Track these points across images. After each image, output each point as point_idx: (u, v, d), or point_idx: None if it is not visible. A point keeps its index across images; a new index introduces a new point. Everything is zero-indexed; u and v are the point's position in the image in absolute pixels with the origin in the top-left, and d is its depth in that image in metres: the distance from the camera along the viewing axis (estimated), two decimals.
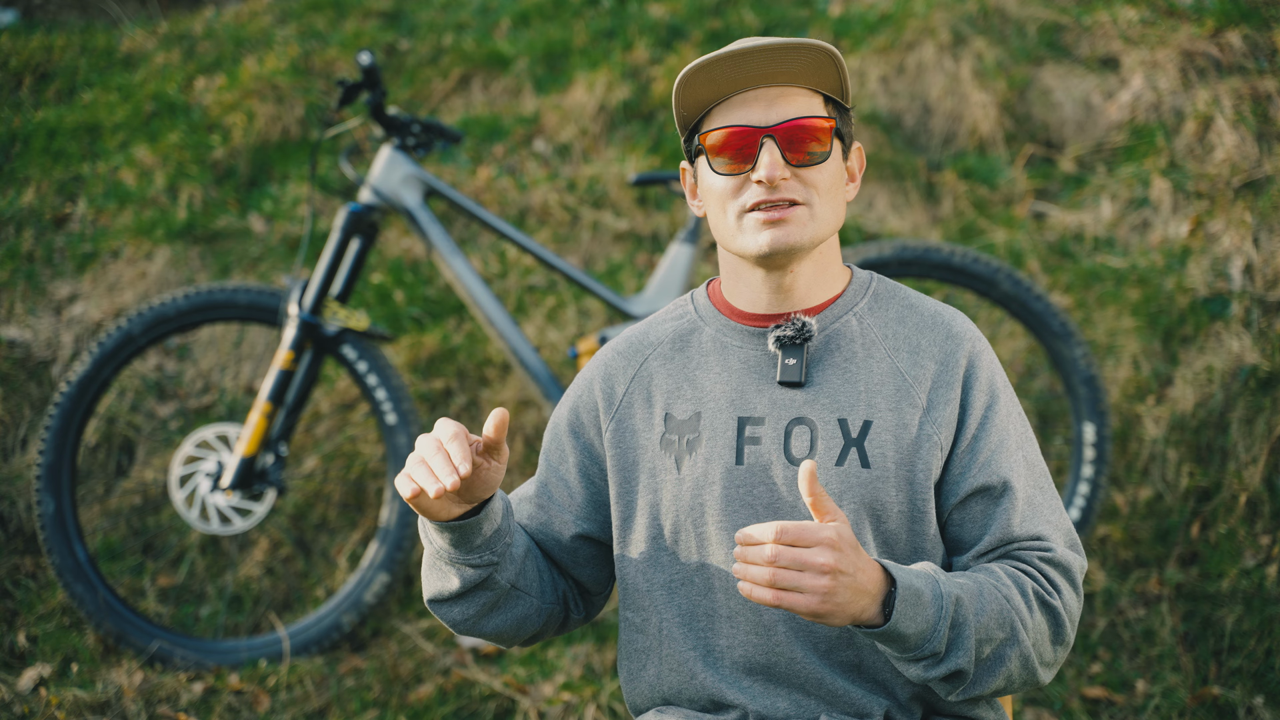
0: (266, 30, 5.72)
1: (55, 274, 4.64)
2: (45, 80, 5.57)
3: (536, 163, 4.94)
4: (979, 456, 1.73)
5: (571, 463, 1.87)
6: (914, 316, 1.81)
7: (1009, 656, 1.63)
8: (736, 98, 1.73)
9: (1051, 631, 1.68)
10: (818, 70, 1.72)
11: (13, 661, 3.50)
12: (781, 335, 1.75)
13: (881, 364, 1.77)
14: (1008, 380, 1.82)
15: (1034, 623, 1.65)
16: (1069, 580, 1.71)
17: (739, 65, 1.69)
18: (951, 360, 1.76)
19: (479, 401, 4.14)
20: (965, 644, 1.59)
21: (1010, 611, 1.63)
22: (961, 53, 4.88)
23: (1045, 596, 1.67)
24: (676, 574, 1.78)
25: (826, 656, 1.72)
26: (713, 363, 1.81)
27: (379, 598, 3.50)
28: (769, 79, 1.71)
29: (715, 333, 1.83)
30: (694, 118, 1.78)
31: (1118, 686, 3.26)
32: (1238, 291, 3.94)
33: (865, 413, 1.73)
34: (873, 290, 1.84)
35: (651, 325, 1.90)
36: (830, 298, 1.82)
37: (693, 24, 5.33)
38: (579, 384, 1.90)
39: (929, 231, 4.48)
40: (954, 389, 1.74)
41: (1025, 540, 1.72)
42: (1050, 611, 1.67)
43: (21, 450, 4.10)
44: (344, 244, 3.51)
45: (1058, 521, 1.75)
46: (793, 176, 1.71)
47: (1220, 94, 4.45)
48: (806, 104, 1.73)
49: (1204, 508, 3.58)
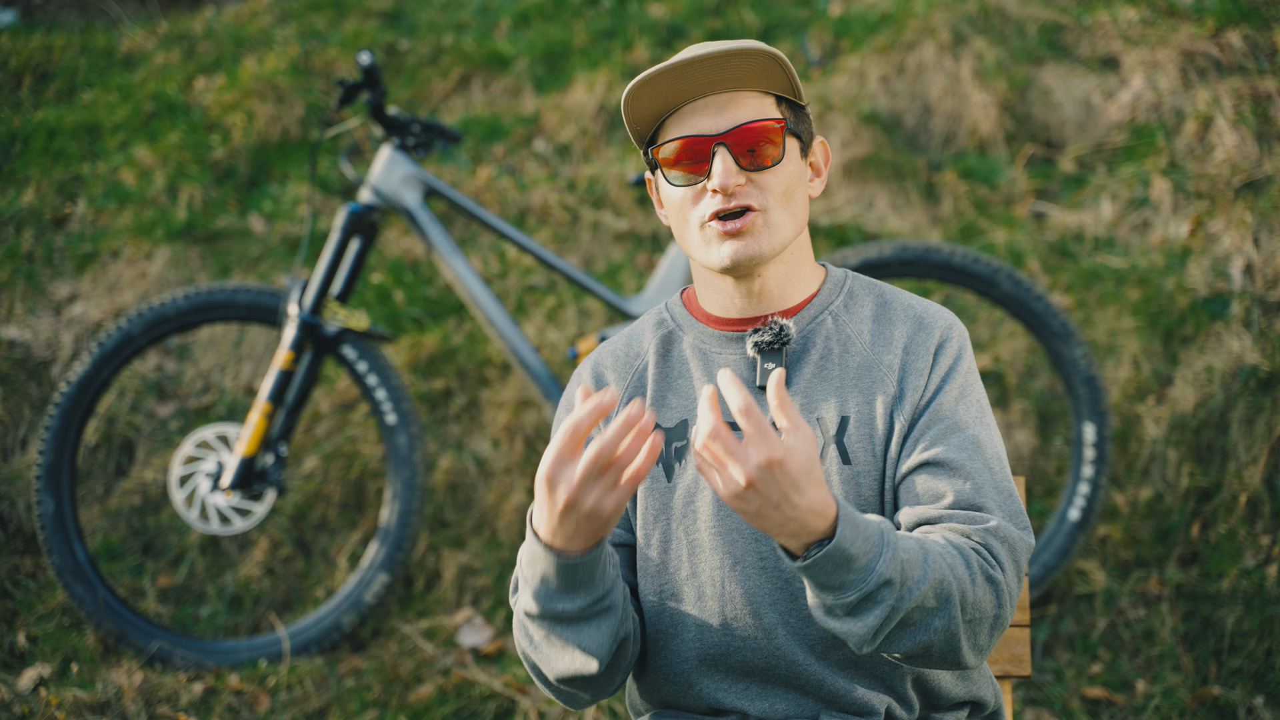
0: (266, 30, 5.71)
1: (55, 274, 4.64)
2: (45, 80, 5.56)
3: (536, 163, 4.94)
4: (932, 429, 1.70)
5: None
6: (888, 311, 1.80)
7: (934, 626, 1.56)
8: (686, 107, 1.72)
9: (993, 610, 1.61)
10: (764, 72, 1.70)
11: (13, 661, 3.50)
12: (759, 341, 1.75)
13: (856, 359, 1.76)
14: (974, 365, 1.79)
15: (975, 597, 1.58)
16: (1012, 557, 1.64)
17: (684, 76, 1.68)
18: (921, 348, 1.75)
19: (479, 401, 4.14)
20: (870, 617, 1.52)
21: (950, 584, 1.56)
22: (962, 53, 4.87)
23: (990, 570, 1.60)
24: (669, 581, 1.78)
25: (824, 656, 1.71)
26: (694, 370, 1.80)
27: (379, 598, 3.50)
28: (715, 85, 1.70)
29: (694, 340, 1.82)
30: (647, 131, 1.77)
31: (1118, 686, 3.26)
32: (1238, 291, 3.94)
33: (840, 409, 1.73)
34: (848, 288, 1.84)
35: (633, 336, 1.89)
36: (805, 297, 1.81)
37: (693, 24, 5.33)
38: (571, 399, 1.87)
39: (929, 231, 4.48)
40: (923, 375, 1.74)
41: (967, 509, 1.66)
42: (994, 586, 1.60)
43: (21, 450, 4.10)
44: (344, 244, 3.51)
45: (1003, 500, 1.69)
46: (748, 182, 1.70)
47: (1220, 94, 4.45)
48: (757, 107, 1.72)
49: (1204, 508, 3.58)
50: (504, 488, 3.92)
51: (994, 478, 1.70)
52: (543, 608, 1.62)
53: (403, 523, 3.51)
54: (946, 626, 1.56)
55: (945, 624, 1.56)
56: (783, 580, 1.72)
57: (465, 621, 3.62)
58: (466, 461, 4.00)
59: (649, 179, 1.86)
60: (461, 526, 3.88)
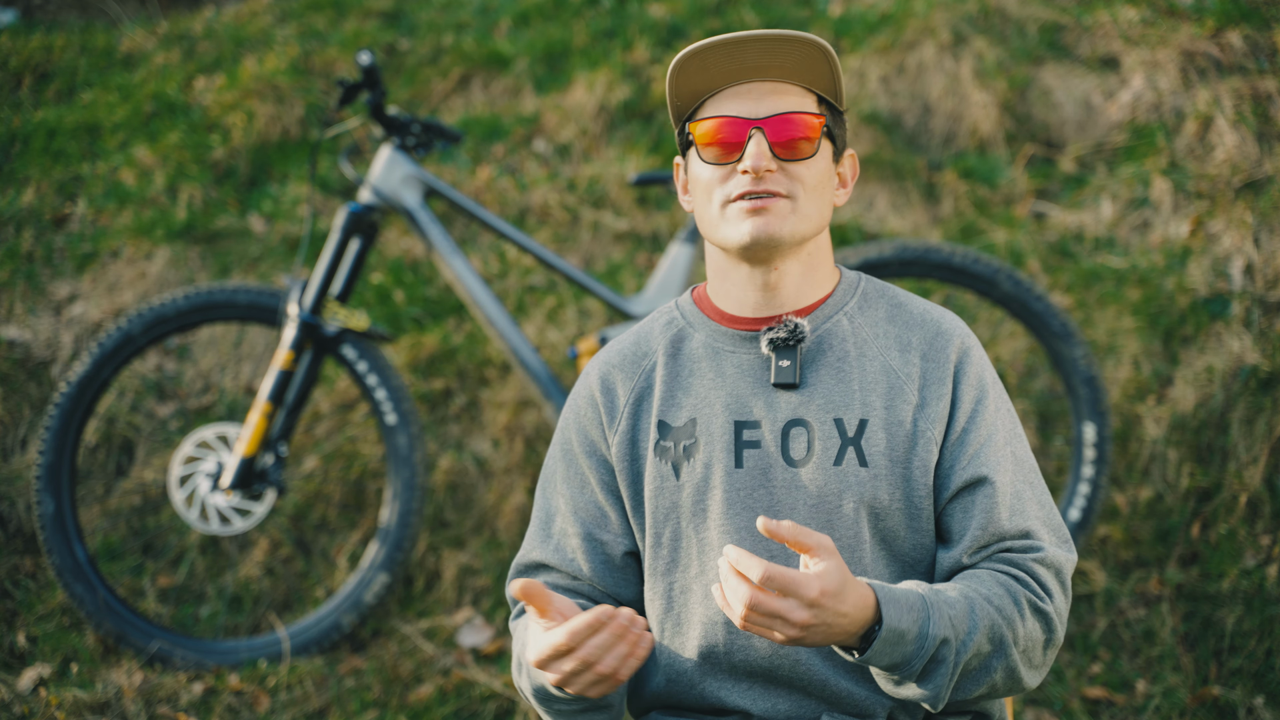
0: (266, 30, 5.71)
1: (55, 274, 4.64)
2: (45, 80, 5.56)
3: (536, 163, 4.94)
4: (968, 450, 1.73)
5: (594, 483, 1.84)
6: (903, 314, 1.81)
7: (994, 669, 1.64)
8: (729, 90, 1.73)
9: (1044, 636, 1.68)
10: (812, 67, 1.71)
11: (13, 661, 3.50)
12: (774, 338, 1.75)
13: (874, 363, 1.77)
14: (997, 377, 1.83)
15: (1025, 631, 1.65)
16: (1060, 581, 1.71)
17: (734, 55, 1.69)
18: (941, 356, 1.77)
19: (479, 401, 4.14)
20: (940, 677, 1.60)
21: (1001, 625, 1.63)
22: (962, 53, 4.88)
23: (1037, 603, 1.67)
24: (677, 579, 1.78)
25: (830, 658, 1.72)
26: (705, 369, 1.80)
27: (379, 598, 3.50)
28: (763, 73, 1.72)
29: (706, 338, 1.82)
30: (687, 108, 1.78)
31: (1118, 687, 3.26)
32: (1238, 291, 3.94)
33: (860, 411, 1.74)
34: (861, 290, 1.84)
35: (641, 335, 1.88)
36: (820, 298, 1.81)
37: (693, 24, 5.33)
38: (579, 401, 1.88)
39: (929, 231, 4.48)
40: (945, 384, 1.75)
41: (1014, 538, 1.72)
42: (1043, 617, 1.68)
43: (21, 450, 4.10)
44: (344, 244, 3.51)
45: (1046, 517, 1.75)
46: (779, 169, 1.71)
47: (1220, 94, 4.45)
48: (799, 100, 1.73)
49: (1204, 508, 3.58)
50: (504, 488, 3.92)
51: (1035, 493, 1.76)
52: (546, 708, 1.76)
53: (403, 523, 3.51)
54: (1005, 664, 1.64)
55: (1004, 663, 1.64)
56: None
57: (465, 622, 3.62)
58: (466, 461, 4.00)
59: (677, 163, 1.86)
60: (461, 526, 3.88)
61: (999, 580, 1.67)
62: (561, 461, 1.87)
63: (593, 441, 1.84)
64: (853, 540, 1.72)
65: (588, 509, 1.84)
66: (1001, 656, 1.64)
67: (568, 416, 1.88)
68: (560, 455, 1.88)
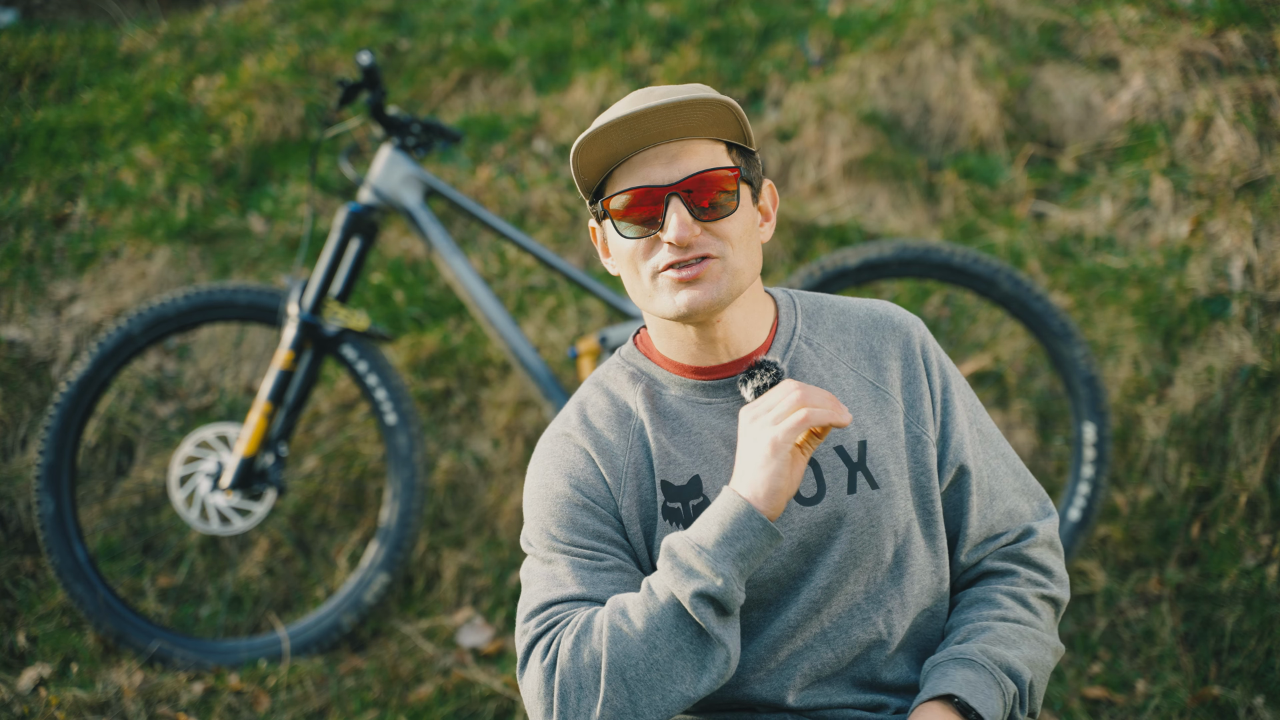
0: (266, 30, 5.71)
1: (55, 274, 4.64)
2: (45, 80, 5.56)
3: (536, 163, 4.94)
4: (950, 442, 1.77)
5: (603, 527, 1.74)
6: (853, 321, 1.81)
7: (1047, 664, 1.76)
8: (636, 157, 1.66)
9: (1054, 608, 1.81)
10: (716, 119, 1.65)
11: (13, 661, 3.50)
12: (760, 386, 1.69)
13: (848, 380, 1.76)
14: (941, 349, 1.87)
15: (1045, 622, 1.78)
16: (1053, 548, 1.83)
17: (634, 127, 1.62)
18: (909, 353, 1.79)
19: (479, 401, 4.14)
20: (1032, 701, 1.73)
21: (1036, 646, 1.75)
22: (962, 53, 4.88)
23: (1044, 591, 1.79)
24: None
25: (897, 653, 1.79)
26: (691, 423, 1.75)
27: (379, 598, 3.50)
28: (666, 135, 1.65)
29: (681, 394, 1.76)
30: (595, 182, 1.71)
31: (1118, 686, 3.26)
32: (1238, 291, 3.94)
33: (856, 434, 1.73)
34: (800, 308, 1.82)
35: (609, 393, 1.79)
36: (769, 330, 1.78)
37: (693, 24, 5.33)
38: (567, 462, 1.76)
39: (929, 231, 4.48)
40: (921, 382, 1.78)
41: (1004, 529, 1.81)
42: (1052, 602, 1.80)
43: (21, 450, 4.10)
44: (344, 244, 3.51)
45: (1021, 485, 1.84)
46: (704, 231, 1.65)
47: (1220, 94, 4.45)
48: (710, 156, 1.67)
49: (1204, 508, 3.58)
50: (504, 488, 3.92)
51: (1007, 464, 1.84)
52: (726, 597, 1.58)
53: (403, 523, 3.51)
54: (1046, 655, 1.77)
55: (1046, 655, 1.77)
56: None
57: (465, 621, 3.62)
58: (466, 461, 4.00)
59: (593, 229, 1.79)
60: (461, 526, 3.88)
61: (1013, 598, 1.78)
62: (562, 514, 1.74)
63: (593, 500, 1.73)
64: (892, 556, 1.74)
65: (607, 548, 1.73)
66: (1042, 652, 1.76)
67: (558, 476, 1.75)
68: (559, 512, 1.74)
